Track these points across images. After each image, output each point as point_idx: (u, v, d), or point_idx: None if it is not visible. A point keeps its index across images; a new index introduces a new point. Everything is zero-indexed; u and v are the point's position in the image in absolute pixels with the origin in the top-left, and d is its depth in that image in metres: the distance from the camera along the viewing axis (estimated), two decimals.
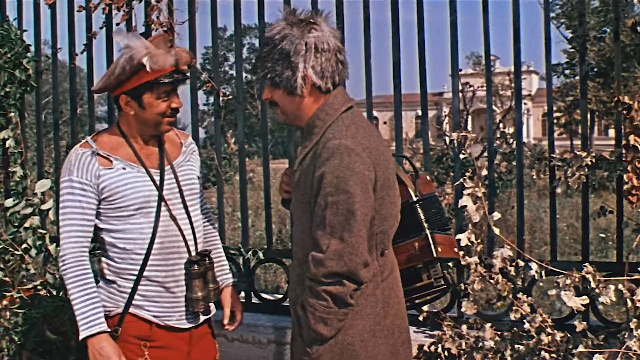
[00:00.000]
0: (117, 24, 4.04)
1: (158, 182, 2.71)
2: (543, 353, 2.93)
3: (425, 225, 2.67)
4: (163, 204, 2.70)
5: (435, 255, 2.68)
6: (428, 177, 2.88)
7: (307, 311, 2.33)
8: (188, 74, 2.76)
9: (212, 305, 2.88)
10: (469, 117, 26.47)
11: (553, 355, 2.92)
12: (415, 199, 2.66)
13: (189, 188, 2.80)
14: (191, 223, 2.77)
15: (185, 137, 2.94)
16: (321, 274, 2.27)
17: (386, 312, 2.47)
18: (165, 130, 2.75)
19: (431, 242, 2.72)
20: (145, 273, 2.67)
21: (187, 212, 2.76)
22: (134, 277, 2.66)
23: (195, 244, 2.77)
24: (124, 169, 2.66)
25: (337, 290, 2.29)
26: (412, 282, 2.67)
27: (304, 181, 2.38)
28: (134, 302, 2.67)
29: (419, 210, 2.65)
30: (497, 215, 3.14)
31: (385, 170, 2.40)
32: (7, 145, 4.37)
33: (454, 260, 3.12)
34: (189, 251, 2.74)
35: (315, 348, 2.38)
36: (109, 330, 2.62)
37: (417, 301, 2.76)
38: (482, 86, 21.64)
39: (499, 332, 3.12)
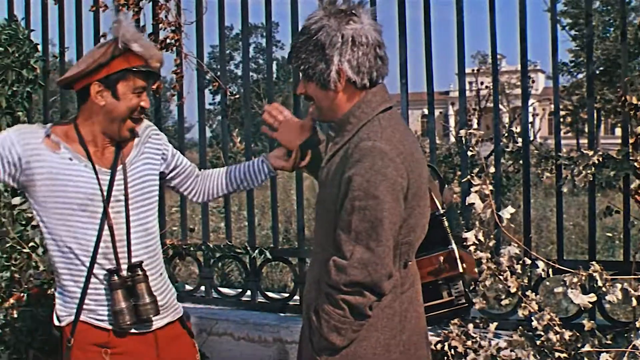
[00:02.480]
0: None
1: (107, 183, 2.54)
2: (557, 354, 2.93)
3: (452, 239, 2.55)
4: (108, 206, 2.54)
5: (461, 270, 2.60)
6: (451, 191, 2.80)
7: (322, 318, 2.20)
8: (159, 73, 2.63)
9: (178, 305, 2.77)
10: (480, 115, 26.42)
11: (565, 354, 2.91)
12: (442, 211, 2.53)
13: (139, 188, 2.62)
14: (128, 231, 2.57)
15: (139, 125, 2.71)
16: (342, 282, 2.13)
17: (403, 327, 2.32)
18: (125, 136, 2.56)
19: (457, 257, 2.66)
20: (94, 272, 2.51)
21: (127, 218, 2.58)
22: (83, 279, 2.51)
23: (129, 253, 2.57)
24: (70, 159, 2.49)
25: (356, 301, 2.15)
26: (430, 298, 2.53)
27: (332, 180, 2.24)
28: (85, 306, 2.52)
29: (446, 223, 2.53)
30: (510, 210, 3.10)
31: (418, 179, 2.25)
32: None
33: (474, 280, 3.02)
34: (117, 260, 2.54)
35: (325, 357, 2.25)
36: None
37: (432, 319, 2.59)
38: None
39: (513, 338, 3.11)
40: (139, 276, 2.55)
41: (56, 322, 2.59)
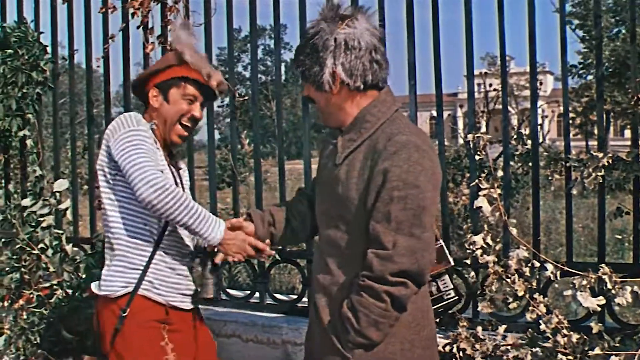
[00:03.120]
0: (138, 27, 4.05)
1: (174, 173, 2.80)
2: (560, 356, 2.91)
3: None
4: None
5: (452, 264, 2.60)
6: None
7: (359, 312, 2.20)
8: (215, 95, 2.84)
9: None
10: (489, 117, 26.34)
11: (570, 357, 2.90)
12: None
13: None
14: None
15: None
16: (389, 272, 2.16)
17: (425, 322, 2.37)
18: (174, 140, 2.79)
19: (447, 250, 2.64)
20: (161, 246, 2.69)
21: None
22: (150, 251, 2.67)
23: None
24: (158, 149, 2.71)
25: (399, 292, 2.18)
26: None
27: (358, 176, 2.28)
28: (146, 278, 2.66)
29: None
30: (512, 221, 3.13)
31: (440, 171, 2.34)
32: (25, 146, 4.41)
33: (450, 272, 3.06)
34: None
35: (359, 353, 2.25)
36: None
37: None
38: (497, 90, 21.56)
39: (519, 337, 3.10)
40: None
41: (103, 292, 2.68)
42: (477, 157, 3.25)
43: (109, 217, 2.69)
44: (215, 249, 2.66)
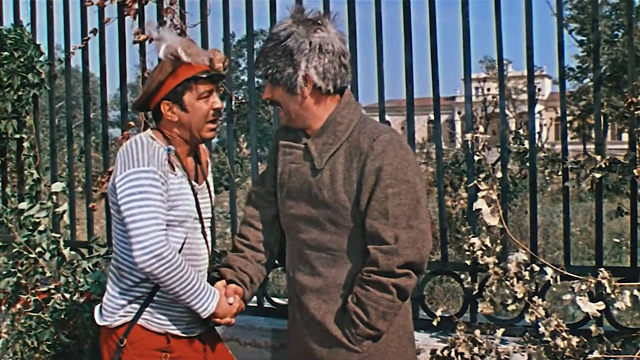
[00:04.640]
0: (125, 15, 4.00)
1: (203, 200, 2.72)
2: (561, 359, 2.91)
3: None
4: (199, 219, 2.69)
5: None
6: None
7: (368, 307, 2.28)
8: (224, 73, 2.72)
9: None
10: (488, 123, 26.41)
11: None
12: None
13: (212, 205, 2.82)
14: (210, 237, 2.80)
15: (207, 153, 2.90)
16: (396, 264, 2.24)
17: (409, 308, 2.50)
18: (207, 137, 2.67)
19: None
20: None
21: (212, 227, 2.79)
22: (155, 283, 2.57)
23: (209, 257, 2.79)
24: (181, 177, 2.60)
25: (404, 283, 2.27)
26: None
27: (344, 177, 2.34)
28: (147, 308, 2.59)
29: None
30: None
31: None
32: (22, 149, 4.40)
33: None
34: (209, 263, 2.77)
35: (367, 344, 2.35)
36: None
37: None
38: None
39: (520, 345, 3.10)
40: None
41: (104, 322, 2.63)
42: (475, 158, 3.24)
43: (118, 244, 2.62)
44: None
